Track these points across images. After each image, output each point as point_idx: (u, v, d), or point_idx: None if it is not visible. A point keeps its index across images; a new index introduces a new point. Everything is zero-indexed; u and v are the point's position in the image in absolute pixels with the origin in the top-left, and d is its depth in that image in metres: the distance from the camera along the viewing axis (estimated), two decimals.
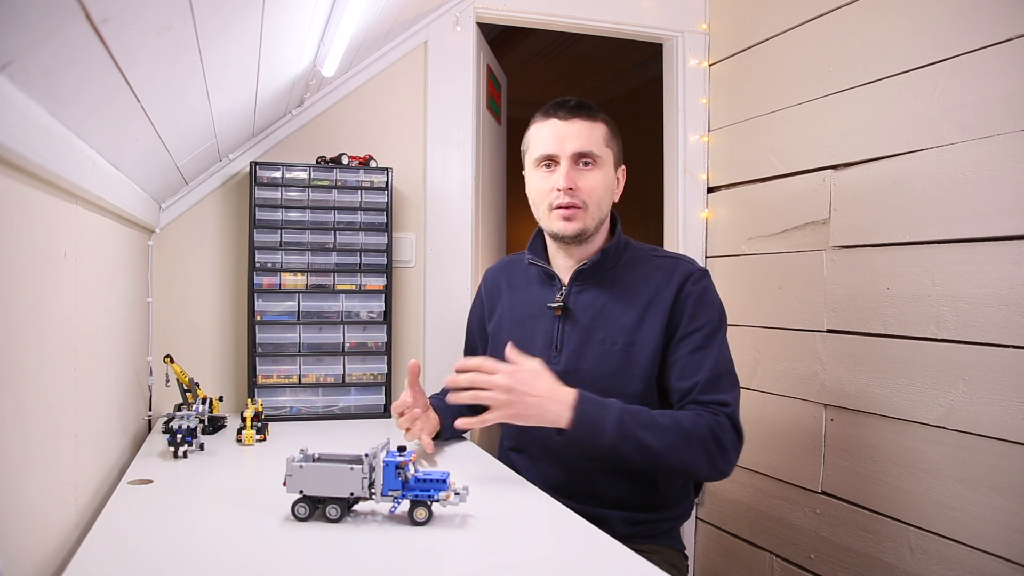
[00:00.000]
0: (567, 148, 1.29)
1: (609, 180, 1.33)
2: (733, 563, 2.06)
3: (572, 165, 1.29)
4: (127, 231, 1.44)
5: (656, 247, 1.42)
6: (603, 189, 1.31)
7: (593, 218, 1.31)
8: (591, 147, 1.29)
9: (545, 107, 1.35)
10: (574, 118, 1.30)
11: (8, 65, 0.62)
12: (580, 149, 1.29)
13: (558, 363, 1.33)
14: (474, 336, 1.58)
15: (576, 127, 1.30)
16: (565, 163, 1.29)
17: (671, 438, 1.16)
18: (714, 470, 1.20)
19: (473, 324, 1.59)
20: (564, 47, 3.69)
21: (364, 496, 0.97)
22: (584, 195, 1.30)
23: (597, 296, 1.33)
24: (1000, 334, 1.37)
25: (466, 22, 2.06)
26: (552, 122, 1.32)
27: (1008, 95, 1.36)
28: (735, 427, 1.22)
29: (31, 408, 0.82)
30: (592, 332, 1.32)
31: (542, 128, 1.33)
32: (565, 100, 1.34)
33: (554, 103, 1.34)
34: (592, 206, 1.30)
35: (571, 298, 1.35)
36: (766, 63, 1.99)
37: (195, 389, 1.53)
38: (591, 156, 1.30)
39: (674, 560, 1.34)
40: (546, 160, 1.32)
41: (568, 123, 1.30)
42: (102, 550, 0.87)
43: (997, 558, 1.36)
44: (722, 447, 1.19)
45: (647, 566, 0.85)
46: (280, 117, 1.90)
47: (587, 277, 1.35)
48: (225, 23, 0.99)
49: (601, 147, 1.31)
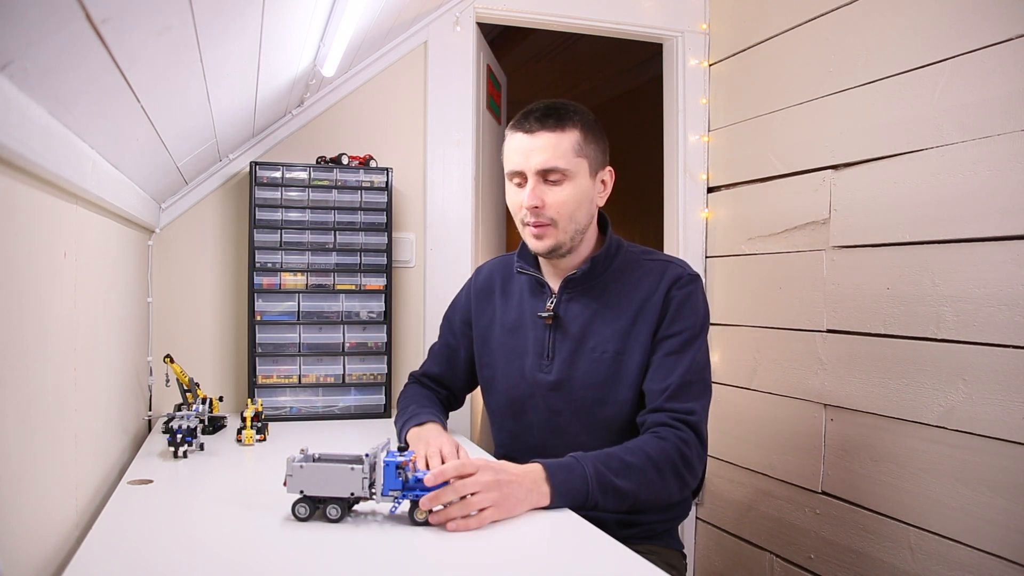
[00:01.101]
0: (531, 164, 1.24)
1: (582, 191, 1.26)
2: (733, 563, 2.06)
3: (538, 182, 1.24)
4: (127, 231, 1.44)
5: (649, 249, 1.39)
6: (574, 203, 1.25)
7: (566, 232, 1.27)
8: (556, 162, 1.23)
9: (517, 116, 1.29)
10: (540, 131, 1.23)
11: (8, 65, 0.62)
12: (544, 166, 1.23)
13: (549, 372, 1.32)
14: (455, 333, 1.52)
15: (541, 141, 1.23)
16: (531, 180, 1.24)
17: (644, 476, 1.15)
18: (684, 490, 1.22)
19: (455, 321, 1.52)
20: (564, 47, 3.69)
21: (364, 496, 0.97)
22: (552, 212, 1.24)
23: (587, 304, 1.32)
24: (1000, 334, 1.37)
25: (466, 22, 2.06)
26: (519, 136, 1.26)
27: (1008, 95, 1.36)
28: (700, 438, 1.22)
29: (31, 408, 0.82)
30: (583, 341, 1.31)
31: (511, 141, 1.28)
32: (533, 109, 1.26)
33: (523, 112, 1.27)
34: (563, 221, 1.25)
35: (561, 307, 1.33)
36: (766, 63, 1.99)
37: (195, 389, 1.53)
38: (558, 171, 1.23)
39: (672, 560, 1.34)
40: (515, 175, 1.28)
41: (533, 137, 1.24)
42: (102, 550, 0.87)
43: (997, 558, 1.36)
44: (689, 466, 1.19)
45: (646, 566, 0.85)
46: (280, 117, 1.90)
47: (577, 285, 1.33)
48: (225, 23, 0.99)
49: (570, 159, 1.23)
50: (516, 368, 1.37)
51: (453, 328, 1.53)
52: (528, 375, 1.35)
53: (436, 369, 1.55)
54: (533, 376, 1.34)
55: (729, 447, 2.07)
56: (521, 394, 1.36)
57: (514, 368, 1.37)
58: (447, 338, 1.54)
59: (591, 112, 1.30)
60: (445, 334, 1.55)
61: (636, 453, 1.16)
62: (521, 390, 1.36)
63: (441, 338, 1.56)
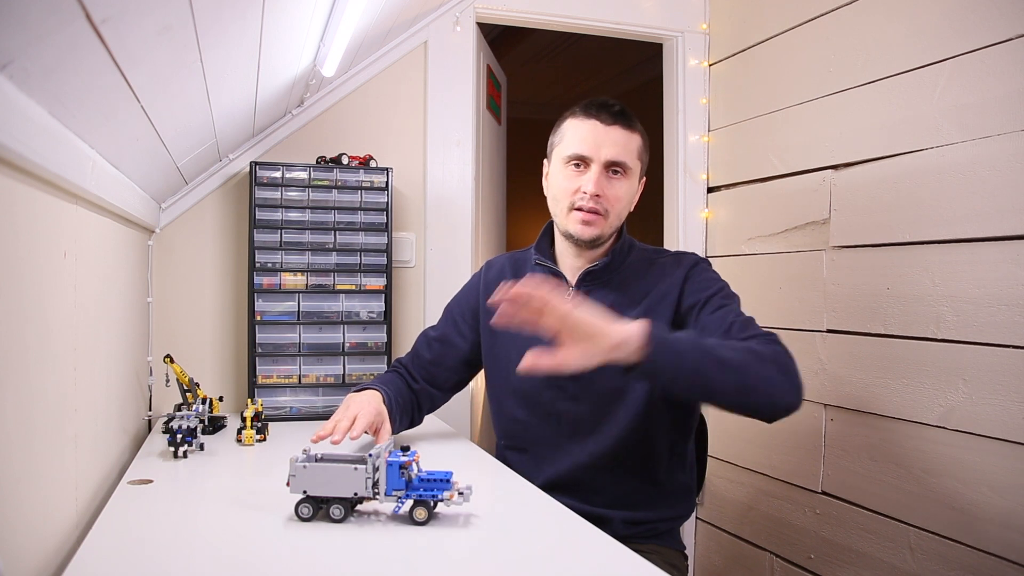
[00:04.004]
0: (603, 154, 1.27)
1: (633, 191, 1.33)
2: (733, 563, 2.06)
3: (603, 171, 1.28)
4: (127, 231, 1.44)
5: (659, 248, 1.43)
6: (627, 200, 1.31)
7: (611, 226, 1.31)
8: (625, 157, 1.28)
9: (586, 104, 1.32)
10: (615, 124, 1.28)
11: (8, 65, 0.62)
12: (615, 158, 1.27)
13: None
14: (456, 321, 1.49)
15: (615, 134, 1.28)
16: (597, 168, 1.27)
17: (744, 355, 1.06)
18: (794, 390, 1.10)
19: (457, 312, 1.50)
20: (564, 47, 3.69)
21: (368, 496, 0.97)
22: (608, 203, 1.28)
23: (604, 297, 1.33)
24: (1000, 334, 1.37)
25: (466, 22, 2.06)
26: (592, 123, 1.28)
27: (1008, 95, 1.36)
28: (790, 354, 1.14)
29: (31, 408, 0.82)
30: None
31: (580, 126, 1.30)
32: (608, 103, 1.31)
33: (596, 102, 1.31)
34: (613, 215, 1.30)
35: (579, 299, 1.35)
36: (766, 63, 1.99)
37: (195, 389, 1.53)
38: (623, 166, 1.28)
39: (674, 560, 1.34)
40: (577, 160, 1.29)
41: (609, 128, 1.28)
42: (102, 550, 0.87)
43: (997, 558, 1.36)
44: (793, 368, 1.11)
45: (647, 566, 0.85)
46: (280, 117, 1.90)
47: (595, 279, 1.35)
48: (225, 23, 0.99)
49: (633, 159, 1.30)
50: None
51: (454, 316, 1.50)
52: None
53: (428, 354, 1.49)
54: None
55: (729, 447, 2.07)
56: (536, 384, 1.35)
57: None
58: (445, 328, 1.50)
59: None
60: (443, 324, 1.51)
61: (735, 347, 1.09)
62: (536, 380, 1.34)
63: (438, 328, 1.52)
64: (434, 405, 1.51)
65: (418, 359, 1.49)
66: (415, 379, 1.47)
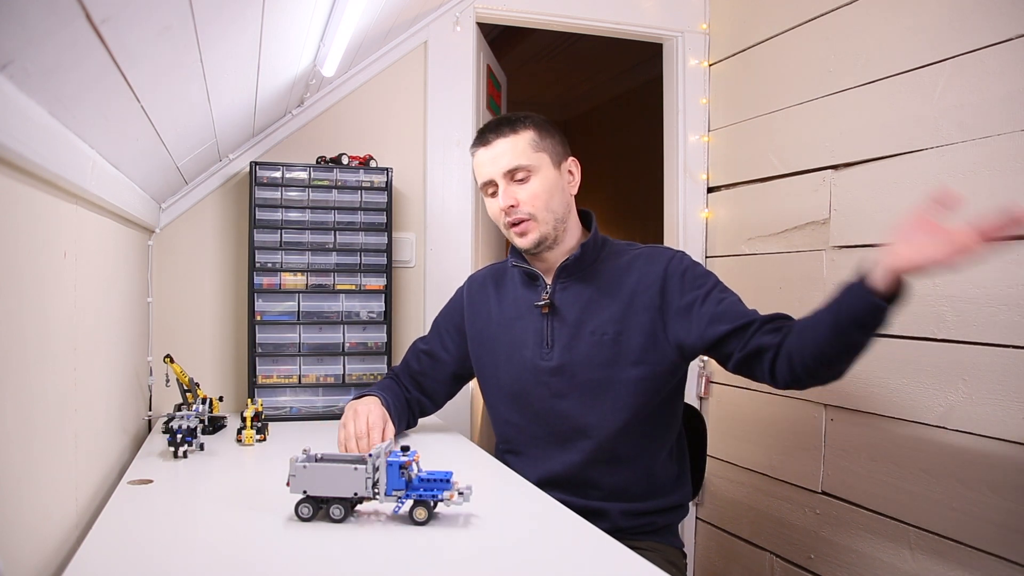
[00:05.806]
0: (497, 169, 1.34)
1: (550, 182, 1.34)
2: (733, 563, 2.06)
3: (508, 183, 1.34)
4: (127, 231, 1.44)
5: (631, 242, 1.44)
6: (545, 194, 1.33)
7: (547, 223, 1.34)
8: (518, 159, 1.33)
9: (474, 139, 1.41)
10: (496, 139, 1.34)
11: (8, 65, 0.62)
12: (508, 166, 1.33)
13: (551, 359, 1.35)
14: (442, 336, 1.53)
15: (499, 147, 1.34)
16: (502, 184, 1.34)
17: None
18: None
19: (443, 327, 1.54)
20: (564, 47, 3.69)
21: (368, 496, 0.97)
22: (527, 207, 1.33)
23: (581, 291, 1.36)
24: (1000, 334, 1.37)
25: (466, 22, 2.06)
26: (479, 151, 1.37)
27: (1008, 95, 1.36)
28: None
29: (31, 408, 0.82)
30: (581, 326, 1.34)
31: (476, 159, 1.39)
32: (487, 126, 1.38)
33: (477, 133, 1.39)
34: (540, 213, 1.33)
35: (556, 295, 1.37)
36: (766, 63, 1.99)
37: (195, 389, 1.53)
38: (521, 167, 1.33)
39: (673, 558, 1.35)
40: (486, 186, 1.37)
41: (491, 146, 1.35)
42: (102, 550, 0.87)
43: (997, 558, 1.36)
44: None
45: (646, 564, 0.85)
46: (280, 117, 1.90)
47: (570, 274, 1.37)
48: (225, 23, 0.99)
49: (530, 155, 1.33)
50: (517, 359, 1.39)
51: (440, 334, 1.54)
52: (529, 364, 1.37)
53: (416, 366, 1.54)
54: (535, 364, 1.36)
55: (729, 447, 2.07)
56: (524, 384, 1.38)
57: (515, 359, 1.39)
58: (432, 343, 1.55)
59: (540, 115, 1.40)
60: (432, 338, 1.56)
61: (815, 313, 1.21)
62: (524, 380, 1.38)
63: (428, 341, 1.57)
64: (427, 412, 1.56)
65: (408, 369, 1.55)
66: (408, 388, 1.53)
